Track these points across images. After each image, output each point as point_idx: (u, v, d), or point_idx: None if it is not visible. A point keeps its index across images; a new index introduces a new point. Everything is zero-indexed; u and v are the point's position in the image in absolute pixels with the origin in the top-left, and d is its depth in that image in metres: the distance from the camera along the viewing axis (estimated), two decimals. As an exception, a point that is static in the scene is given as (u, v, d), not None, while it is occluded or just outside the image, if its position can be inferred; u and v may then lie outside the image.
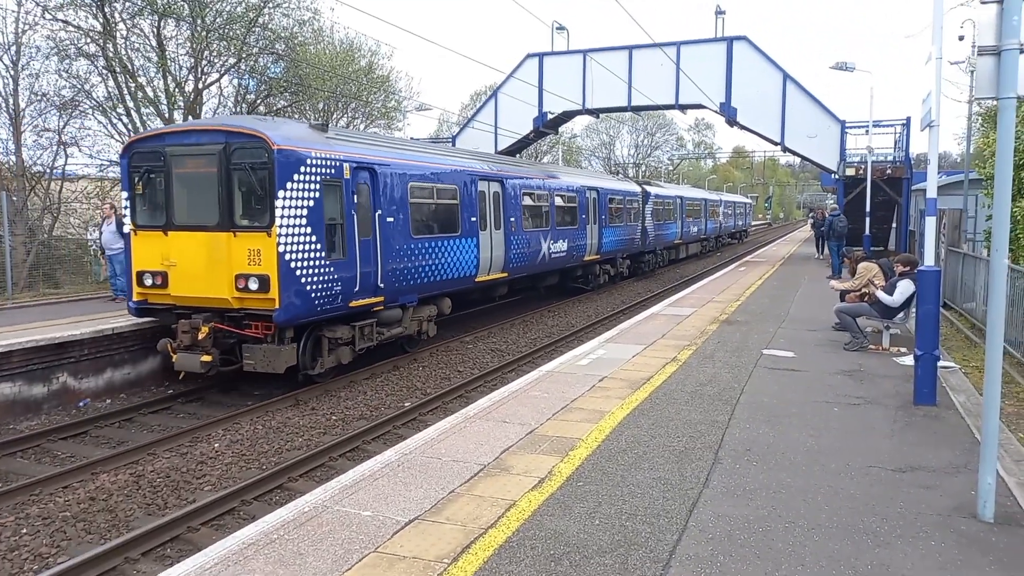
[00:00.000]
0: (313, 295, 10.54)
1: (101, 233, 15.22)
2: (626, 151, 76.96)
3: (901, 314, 10.62)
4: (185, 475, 8.16)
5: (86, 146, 23.07)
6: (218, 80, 25.24)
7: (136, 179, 11.05)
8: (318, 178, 10.65)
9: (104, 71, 21.86)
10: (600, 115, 35.35)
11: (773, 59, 25.98)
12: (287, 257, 10.14)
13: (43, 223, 21.14)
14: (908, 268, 10.37)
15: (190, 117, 23.88)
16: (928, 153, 8.01)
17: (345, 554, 4.48)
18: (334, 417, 10.34)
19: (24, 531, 6.77)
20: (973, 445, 6.21)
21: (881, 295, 10.46)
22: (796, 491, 5.43)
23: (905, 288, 10.17)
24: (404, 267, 12.68)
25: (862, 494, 5.38)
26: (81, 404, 11.08)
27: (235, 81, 26.29)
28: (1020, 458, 6.24)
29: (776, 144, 26.78)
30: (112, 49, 21.34)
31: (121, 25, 21.91)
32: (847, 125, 25.50)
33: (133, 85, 22.08)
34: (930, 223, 7.92)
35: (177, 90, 23.33)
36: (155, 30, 22.27)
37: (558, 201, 19.97)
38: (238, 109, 26.69)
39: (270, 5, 23.86)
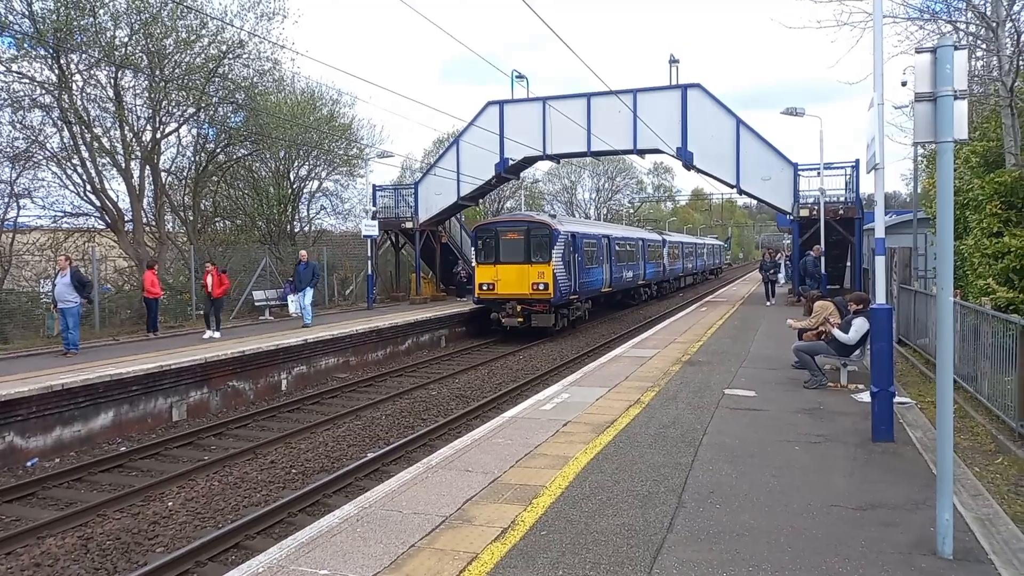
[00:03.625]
0: (563, 292, 23.17)
1: (54, 285, 14.80)
2: (587, 195, 78.01)
3: (857, 351, 10.80)
4: (136, 536, 7.86)
5: (39, 197, 22.64)
6: (176, 130, 25.08)
7: (480, 242, 23.84)
8: (562, 240, 23.33)
9: (59, 121, 21.58)
10: (561, 160, 35.89)
11: (726, 105, 26.72)
12: (556, 274, 22.64)
13: (-7, 276, 20.56)
14: (861, 306, 10.59)
15: (147, 167, 23.68)
16: (875, 194, 8.25)
17: (301, 616, 4.32)
18: (294, 471, 10.10)
19: (-38, 602, 6.43)
20: (931, 480, 6.27)
21: (837, 333, 10.65)
22: (760, 533, 5.41)
23: (860, 326, 10.37)
24: (583, 282, 25.37)
25: (824, 534, 5.38)
26: (29, 464, 10.68)
27: (194, 131, 26.17)
28: (977, 492, 6.32)
29: (732, 187, 27.33)
30: (67, 100, 21.11)
31: (77, 76, 21.73)
32: (799, 167, 26.21)
33: (89, 136, 21.79)
34: (880, 262, 8.11)
35: (134, 140, 23.10)
36: (112, 81, 22.12)
37: (628, 246, 33.03)
38: (197, 159, 26.52)
39: (230, 56, 23.90)
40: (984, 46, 14.05)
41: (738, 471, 6.88)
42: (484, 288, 23.29)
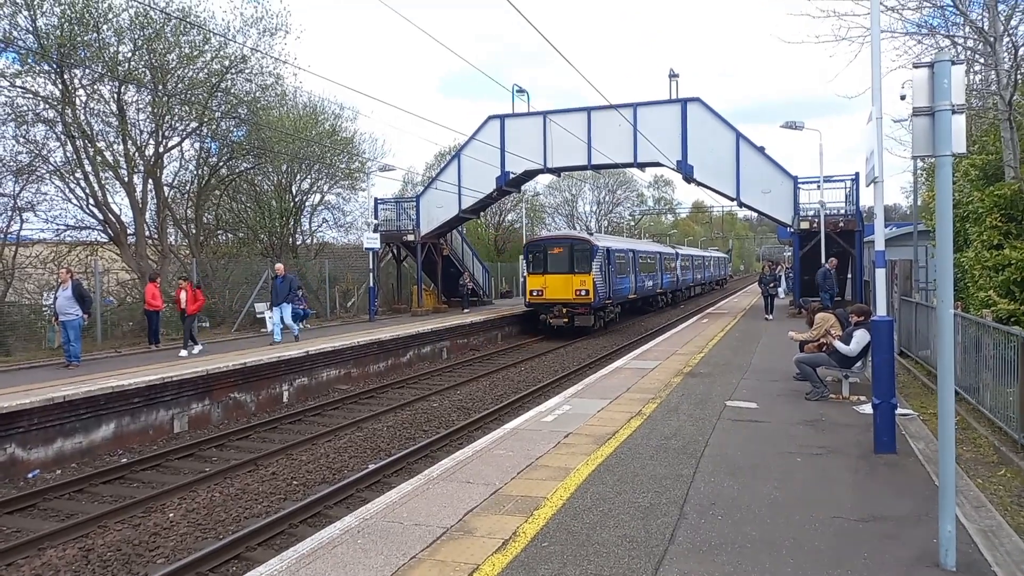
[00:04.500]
0: (601, 297, 27.50)
1: (56, 298, 14.83)
2: (588, 208, 78.09)
3: (859, 363, 10.79)
4: (137, 547, 7.85)
5: (42, 211, 22.71)
6: (179, 144, 25.19)
7: (530, 255, 28.28)
8: (600, 253, 27.53)
9: (62, 136, 21.69)
10: (561, 174, 36.02)
11: (726, 119, 26.85)
12: (596, 282, 26.85)
13: (-5, 289, 20.59)
14: (862, 318, 10.59)
15: (150, 181, 23.78)
16: (875, 207, 8.28)
17: (302, 627, 4.31)
18: (295, 482, 10.09)
19: (-38, 614, 6.42)
20: (934, 492, 6.26)
21: (838, 345, 10.64)
22: (761, 545, 5.40)
23: (861, 337, 10.37)
24: (614, 289, 29.61)
25: (826, 546, 5.37)
26: (30, 475, 10.67)
27: (196, 144, 26.28)
28: (980, 504, 6.31)
29: (732, 200, 27.39)
30: (71, 114, 21.22)
31: (80, 91, 21.85)
32: (799, 180, 26.27)
33: (92, 150, 21.89)
34: (880, 274, 8.14)
35: (137, 154, 23.19)
36: (115, 95, 22.24)
37: (648, 259, 37.84)
38: (199, 172, 26.63)
39: (232, 71, 24.05)
40: (982, 60, 14.13)
41: (740, 483, 6.87)
42: (534, 294, 27.76)
